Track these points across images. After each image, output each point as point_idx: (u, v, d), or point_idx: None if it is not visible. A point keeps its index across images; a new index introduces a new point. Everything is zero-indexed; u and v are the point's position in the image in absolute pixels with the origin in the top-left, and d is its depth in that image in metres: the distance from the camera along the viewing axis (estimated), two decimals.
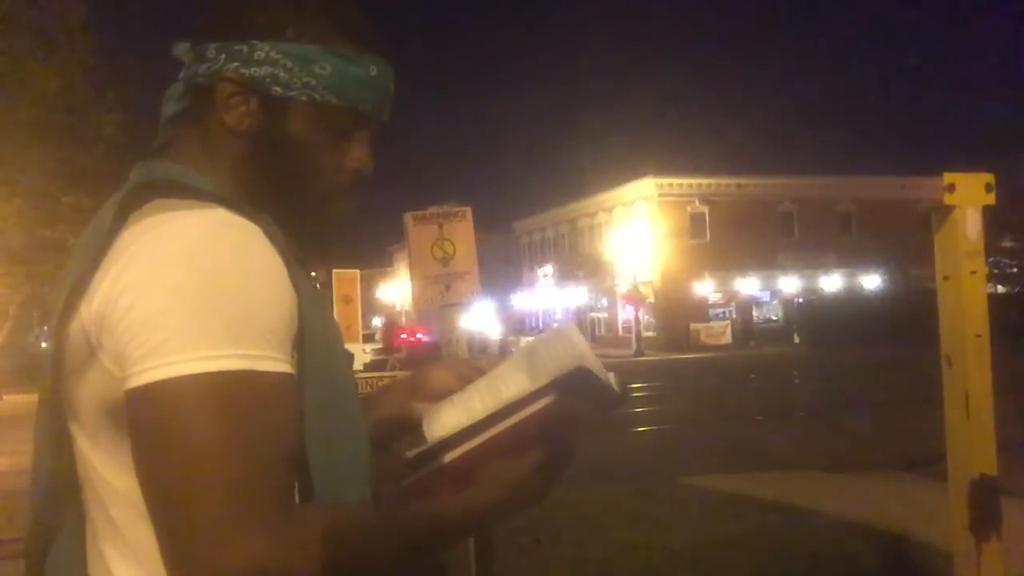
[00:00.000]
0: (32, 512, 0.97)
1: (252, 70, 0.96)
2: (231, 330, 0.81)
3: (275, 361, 0.83)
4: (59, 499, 0.94)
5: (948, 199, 2.20)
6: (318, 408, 0.90)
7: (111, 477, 0.88)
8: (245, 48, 0.96)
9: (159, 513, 0.80)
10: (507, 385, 0.96)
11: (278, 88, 0.97)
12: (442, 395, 1.07)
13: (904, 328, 23.54)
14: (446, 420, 0.98)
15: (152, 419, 0.80)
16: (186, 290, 0.81)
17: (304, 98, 0.97)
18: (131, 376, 0.81)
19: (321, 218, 1.03)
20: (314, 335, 0.91)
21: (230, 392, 0.80)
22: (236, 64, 0.96)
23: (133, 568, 0.87)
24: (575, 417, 0.90)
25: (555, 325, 1.05)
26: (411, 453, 0.91)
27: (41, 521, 0.96)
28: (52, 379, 0.91)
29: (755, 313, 43.20)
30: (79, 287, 0.88)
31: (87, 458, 0.90)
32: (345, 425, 0.95)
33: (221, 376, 0.79)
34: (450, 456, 0.90)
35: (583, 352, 0.94)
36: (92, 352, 0.86)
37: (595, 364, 0.93)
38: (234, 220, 0.87)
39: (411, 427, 1.11)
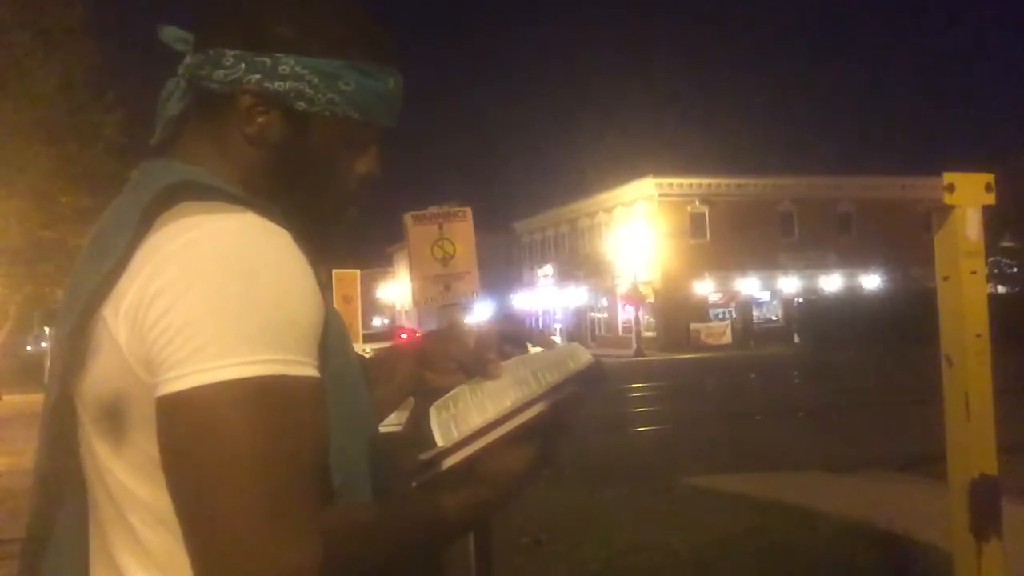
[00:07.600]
0: (29, 515, 0.96)
1: (276, 84, 0.93)
2: (268, 335, 0.80)
3: (307, 366, 0.83)
4: (55, 502, 0.93)
5: (948, 199, 2.20)
6: (336, 411, 0.90)
7: (132, 484, 0.86)
8: (268, 61, 0.93)
9: (193, 520, 0.78)
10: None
11: (302, 104, 0.94)
12: (449, 364, 1.10)
13: (904, 328, 23.57)
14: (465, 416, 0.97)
15: (189, 425, 0.78)
16: (223, 295, 0.80)
17: (327, 114, 0.95)
18: (166, 382, 0.79)
19: (329, 222, 1.02)
20: (333, 339, 0.91)
21: (267, 398, 0.79)
22: (258, 76, 0.93)
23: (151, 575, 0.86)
24: (581, 407, 0.94)
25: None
26: (425, 456, 0.91)
27: (35, 524, 0.95)
28: (63, 383, 0.89)
29: (755, 313, 43.16)
30: (102, 290, 0.85)
31: (104, 464, 0.88)
32: (358, 428, 0.96)
33: (258, 381, 0.78)
34: (462, 455, 0.91)
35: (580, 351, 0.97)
36: (119, 357, 0.83)
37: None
38: (265, 225, 0.86)
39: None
